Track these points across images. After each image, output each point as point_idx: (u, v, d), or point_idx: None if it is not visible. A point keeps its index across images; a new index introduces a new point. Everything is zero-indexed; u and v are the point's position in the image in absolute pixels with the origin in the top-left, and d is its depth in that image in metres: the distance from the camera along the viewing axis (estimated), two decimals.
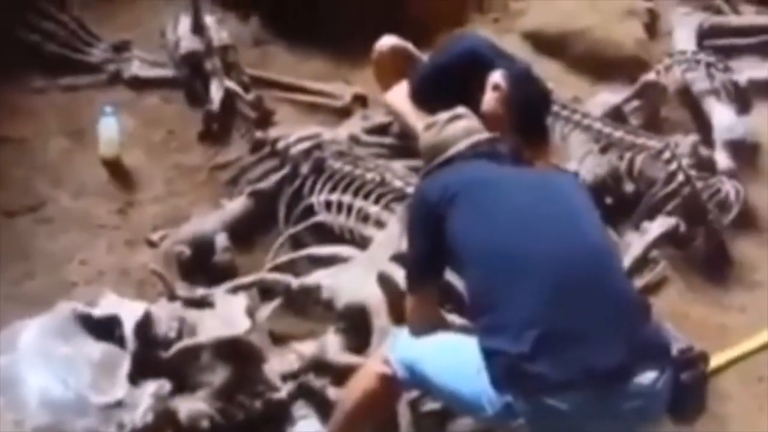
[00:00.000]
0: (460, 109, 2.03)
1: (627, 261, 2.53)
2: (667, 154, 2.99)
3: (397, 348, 1.79)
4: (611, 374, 1.54)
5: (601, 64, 3.79)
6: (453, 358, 1.69)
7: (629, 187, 3.01)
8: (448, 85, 2.50)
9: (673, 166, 2.96)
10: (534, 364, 1.52)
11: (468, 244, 1.69)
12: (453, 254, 1.74)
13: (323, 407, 2.08)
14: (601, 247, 1.74)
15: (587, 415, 1.54)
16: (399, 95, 2.77)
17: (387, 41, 2.86)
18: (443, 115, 2.00)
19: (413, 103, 2.70)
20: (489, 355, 1.57)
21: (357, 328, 2.26)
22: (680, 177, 2.93)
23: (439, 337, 1.77)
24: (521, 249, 1.65)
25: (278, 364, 2.15)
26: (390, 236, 2.43)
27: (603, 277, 1.66)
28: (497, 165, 1.87)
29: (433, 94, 2.53)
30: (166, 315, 1.99)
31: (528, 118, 2.33)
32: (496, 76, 2.36)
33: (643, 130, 3.23)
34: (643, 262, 2.61)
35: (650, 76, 3.51)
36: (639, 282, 2.63)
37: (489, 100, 2.36)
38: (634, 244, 2.59)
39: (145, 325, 1.88)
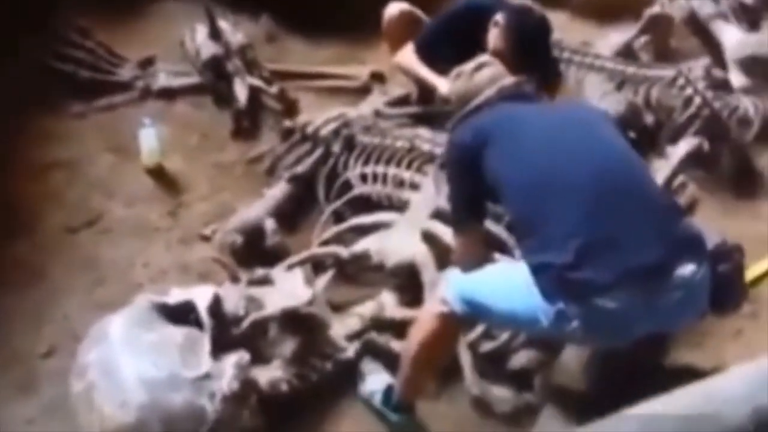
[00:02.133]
0: (485, 58, 2.17)
1: None
2: (681, 81, 3.07)
3: (452, 285, 1.92)
4: (652, 269, 1.65)
5: (605, 7, 3.86)
6: (504, 282, 1.82)
7: (649, 118, 3.09)
8: (451, 35, 2.69)
9: (689, 90, 3.04)
10: (579, 271, 1.64)
11: (505, 177, 1.82)
12: (493, 190, 1.87)
13: (389, 360, 2.22)
14: (628, 159, 1.85)
15: (635, 310, 1.65)
16: (406, 53, 2.92)
17: (395, 6, 3.03)
18: (469, 65, 2.15)
19: (420, 57, 2.85)
20: (537, 270, 1.70)
21: (408, 284, 2.40)
22: (697, 100, 3.02)
23: (488, 268, 1.90)
24: (554, 171, 1.77)
25: (342, 327, 2.29)
26: (426, 196, 2.56)
27: (634, 185, 1.78)
28: (523, 104, 2.00)
29: (437, 45, 2.71)
30: (232, 295, 2.15)
31: (529, 46, 2.48)
32: (497, 15, 2.54)
33: (655, 63, 3.31)
34: (672, 186, 2.68)
35: (655, 9, 3.58)
36: None
37: (491, 36, 2.55)
38: (660, 169, 2.67)
39: (216, 305, 2.03)
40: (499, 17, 2.61)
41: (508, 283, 1.80)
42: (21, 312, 2.40)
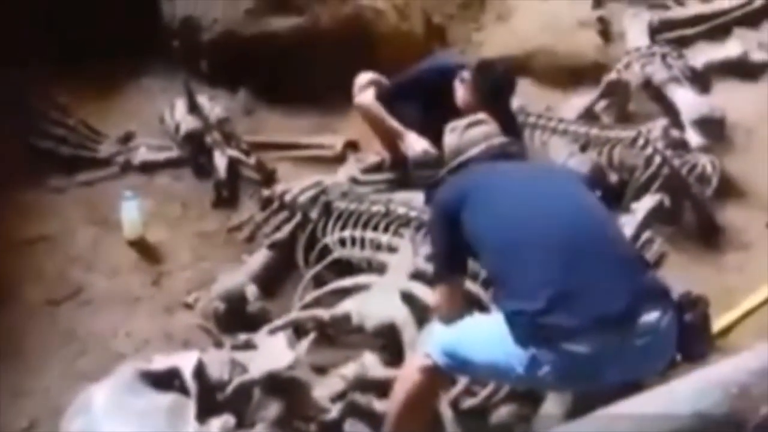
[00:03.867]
0: (480, 116, 2.30)
1: None
2: (641, 141, 3.23)
3: (433, 339, 1.97)
4: (619, 316, 1.73)
5: (565, 75, 4.09)
6: (482, 332, 1.89)
7: (614, 177, 3.23)
8: (413, 93, 2.90)
9: (649, 150, 3.20)
10: (550, 317, 1.72)
11: (482, 232, 1.92)
12: (471, 245, 1.96)
13: (372, 420, 2.23)
14: (597, 214, 1.96)
15: (604, 355, 1.72)
16: (367, 96, 3.07)
17: (365, 76, 3.18)
18: (463, 121, 2.28)
19: (380, 103, 3.01)
20: (511, 317, 1.78)
21: (390, 344, 2.45)
22: (657, 159, 3.17)
23: (467, 321, 1.97)
24: (527, 226, 1.87)
25: (325, 389, 2.31)
26: (404, 258, 2.63)
27: (602, 239, 1.88)
28: (506, 163, 2.14)
29: (399, 99, 2.92)
30: (216, 361, 2.16)
31: (494, 98, 2.68)
32: (462, 74, 2.70)
33: (616, 125, 3.48)
34: (639, 241, 2.79)
35: (612, 75, 3.79)
36: None
37: (458, 92, 2.73)
38: (627, 224, 2.78)
39: (200, 370, 2.05)
40: (465, 74, 2.78)
41: (485, 333, 1.87)
42: (1, 386, 2.39)
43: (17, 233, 2.92)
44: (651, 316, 1.75)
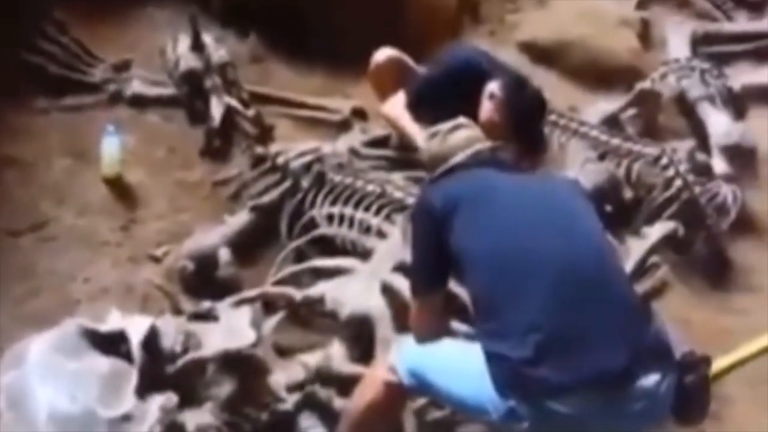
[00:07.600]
0: (462, 119, 2.07)
1: (628, 266, 2.54)
2: (664, 160, 3.04)
3: (403, 356, 1.80)
4: (614, 377, 1.55)
5: (596, 74, 3.85)
6: (457, 364, 1.70)
7: (628, 194, 3.04)
8: (444, 95, 2.56)
9: (671, 171, 3.01)
10: (536, 369, 1.54)
11: (470, 251, 1.72)
12: (456, 261, 1.76)
13: (329, 417, 2.09)
14: (601, 252, 1.75)
15: (591, 418, 1.55)
16: (396, 106, 2.81)
17: (384, 53, 2.91)
18: (445, 125, 2.04)
19: (410, 113, 2.74)
20: (492, 360, 1.59)
21: (361, 338, 2.28)
22: (678, 182, 2.99)
23: (443, 343, 1.79)
24: (522, 254, 1.67)
25: (284, 375, 2.16)
26: (392, 247, 2.46)
27: (604, 282, 1.68)
28: (498, 173, 1.89)
29: (429, 104, 2.59)
30: (171, 329, 1.99)
31: (525, 125, 2.39)
32: (492, 86, 2.44)
33: (640, 138, 3.28)
34: (644, 267, 2.61)
35: (645, 84, 3.57)
36: (641, 287, 2.64)
37: (485, 109, 2.44)
38: (634, 249, 2.61)
39: (151, 339, 1.88)
40: (496, 89, 2.46)
41: (461, 366, 1.68)
42: None
43: None
44: (649, 380, 1.57)
